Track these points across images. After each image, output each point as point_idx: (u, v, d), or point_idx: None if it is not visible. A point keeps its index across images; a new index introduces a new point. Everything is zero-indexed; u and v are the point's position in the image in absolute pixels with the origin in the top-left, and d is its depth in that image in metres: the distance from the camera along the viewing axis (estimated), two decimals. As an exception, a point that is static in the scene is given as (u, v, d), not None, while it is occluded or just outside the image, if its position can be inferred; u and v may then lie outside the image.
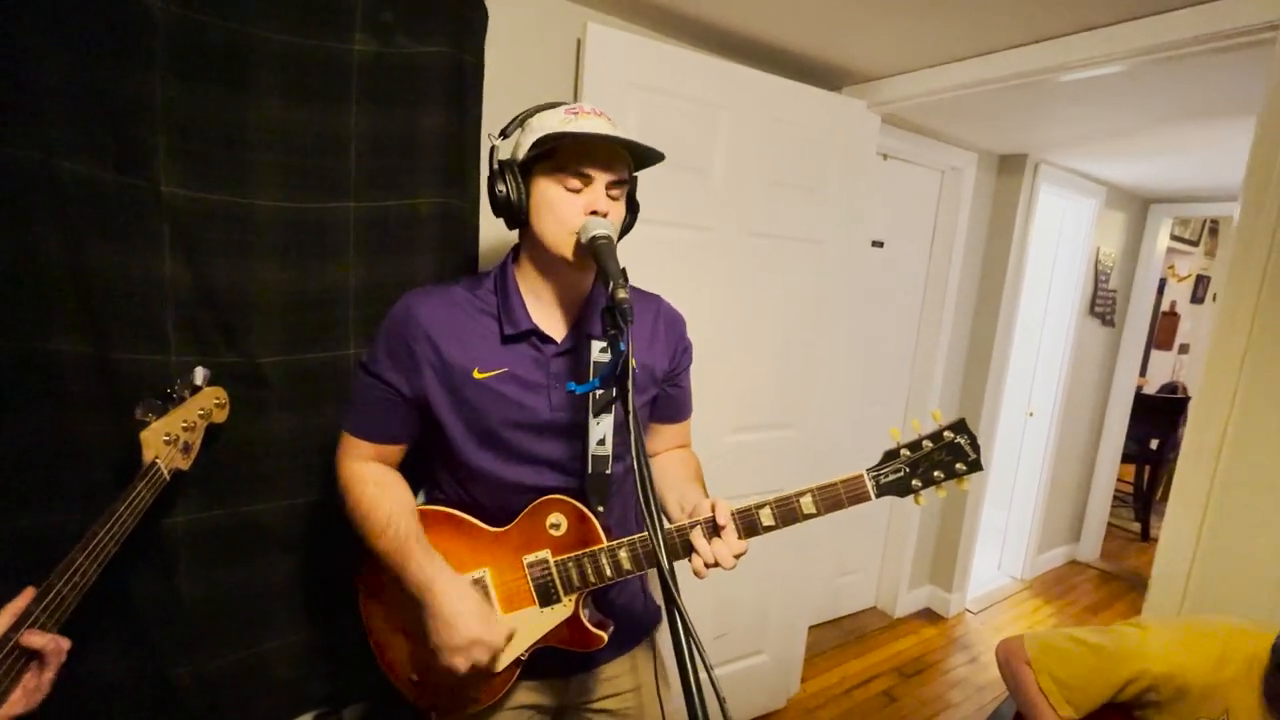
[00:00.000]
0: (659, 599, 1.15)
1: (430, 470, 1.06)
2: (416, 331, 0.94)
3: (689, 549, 0.89)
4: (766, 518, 0.90)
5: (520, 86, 1.47)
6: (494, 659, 0.92)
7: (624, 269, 0.79)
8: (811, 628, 2.72)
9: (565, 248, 0.90)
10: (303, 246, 1.23)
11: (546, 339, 0.96)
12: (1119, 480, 3.96)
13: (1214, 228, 5.30)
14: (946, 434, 0.91)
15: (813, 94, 1.80)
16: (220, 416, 1.13)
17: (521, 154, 0.91)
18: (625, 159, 0.94)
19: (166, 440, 0.99)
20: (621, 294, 0.74)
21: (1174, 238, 4.66)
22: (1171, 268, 5.31)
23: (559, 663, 1.02)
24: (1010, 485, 3.48)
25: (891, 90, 1.92)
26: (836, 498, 0.90)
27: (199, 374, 1.09)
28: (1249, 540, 1.22)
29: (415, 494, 1.03)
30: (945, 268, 2.67)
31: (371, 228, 1.29)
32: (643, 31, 1.65)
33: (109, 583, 1.11)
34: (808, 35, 1.68)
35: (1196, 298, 5.59)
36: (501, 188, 0.91)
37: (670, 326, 1.08)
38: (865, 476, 0.90)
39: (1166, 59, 1.44)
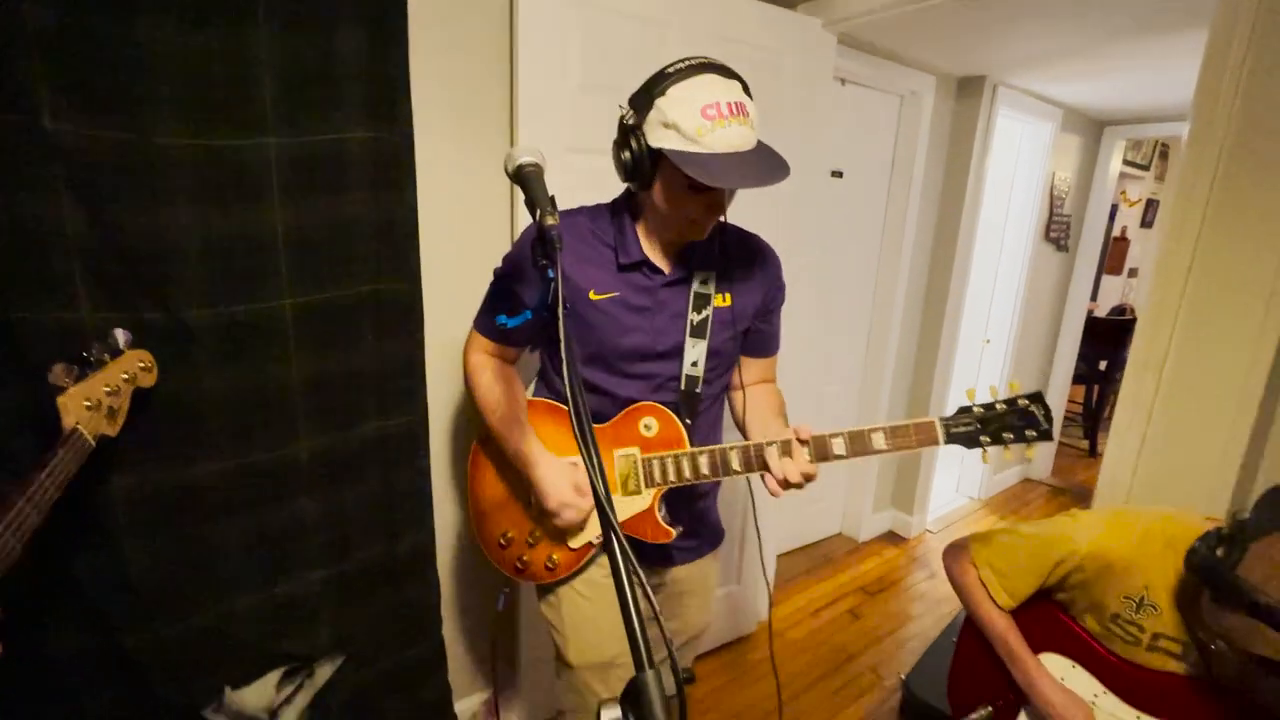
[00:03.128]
0: (724, 523, 1.33)
1: (542, 367, 1.21)
2: (525, 256, 1.01)
3: (763, 464, 1.00)
4: (839, 446, 1.00)
5: (447, 4, 1.35)
6: (584, 522, 1.08)
7: (553, 196, 0.74)
8: (782, 555, 2.82)
9: (684, 232, 1.02)
10: (219, 189, 1.13)
11: (656, 270, 1.07)
12: (1069, 401, 4.13)
13: (1164, 151, 5.38)
14: (1022, 401, 0.98)
15: (766, 10, 1.71)
16: (147, 380, 1.06)
17: (652, 141, 0.93)
18: None
19: (88, 406, 0.92)
20: (550, 221, 0.70)
21: (1126, 162, 4.71)
22: (1123, 193, 5.41)
23: (639, 554, 1.14)
24: (968, 411, 3.59)
25: (847, 6, 1.84)
26: (906, 438, 0.99)
27: (120, 336, 1.01)
28: (1188, 446, 1.27)
29: (528, 385, 1.22)
30: (905, 196, 2.65)
31: (296, 167, 1.19)
32: (582, -57, 1.53)
33: (48, 555, 1.07)
34: (758, -55, 1.58)
35: (1146, 222, 5.73)
36: (626, 156, 0.97)
37: (765, 265, 1.16)
38: (937, 424, 0.98)
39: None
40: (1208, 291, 1.24)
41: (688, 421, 1.08)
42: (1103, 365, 4.43)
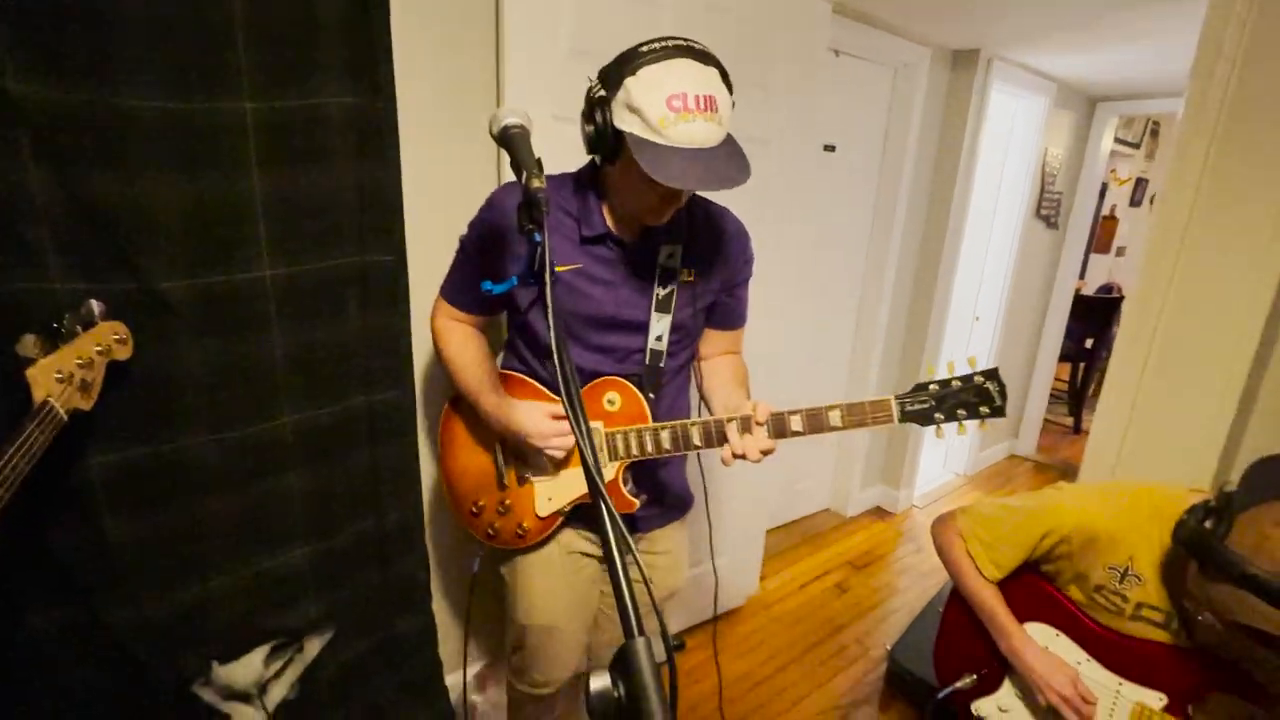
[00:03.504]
0: (694, 489, 1.34)
1: (510, 338, 1.21)
2: (504, 221, 1.03)
3: (723, 439, 1.02)
4: (796, 424, 1.01)
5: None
6: (566, 453, 1.10)
7: (539, 159, 0.72)
8: (769, 531, 2.84)
9: (642, 215, 1.01)
10: (194, 155, 1.09)
11: (619, 242, 1.06)
12: (1054, 379, 4.17)
13: (1155, 129, 5.38)
14: (978, 378, 0.98)
15: (759, -23, 1.67)
16: (123, 353, 1.03)
17: (616, 121, 0.91)
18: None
19: (59, 379, 0.90)
20: (535, 184, 0.68)
21: (1118, 140, 4.71)
22: (1113, 171, 5.41)
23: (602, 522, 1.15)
24: (956, 388, 3.61)
25: (843, -27, 1.79)
26: (862, 417, 0.99)
27: (93, 307, 0.98)
28: (1174, 421, 1.28)
29: (495, 354, 1.21)
30: (898, 171, 2.63)
31: (273, 133, 1.15)
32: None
33: (27, 531, 1.05)
34: (752, -94, 1.53)
35: (1135, 201, 5.74)
36: (590, 130, 0.94)
37: (733, 240, 1.16)
38: (892, 402, 0.98)
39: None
40: (1199, 266, 1.24)
41: (651, 396, 1.09)
42: (1089, 343, 4.47)
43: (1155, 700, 1.06)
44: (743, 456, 1.00)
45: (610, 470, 1.10)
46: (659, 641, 0.51)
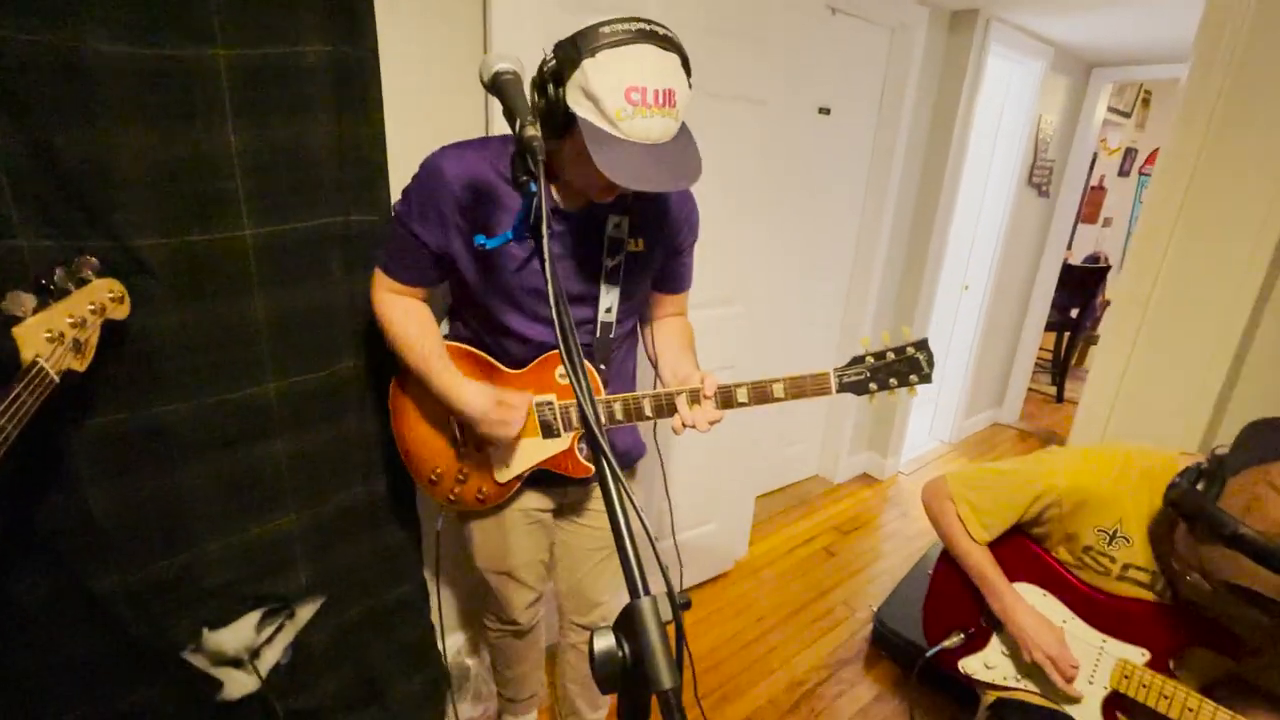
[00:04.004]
0: (647, 442, 1.37)
1: (456, 308, 1.20)
2: (444, 190, 1.00)
3: (673, 410, 1.05)
4: (742, 395, 1.06)
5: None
6: (516, 443, 1.12)
7: (533, 105, 0.68)
8: (759, 496, 2.87)
9: (587, 192, 0.98)
10: (164, 105, 1.03)
11: (565, 215, 1.03)
12: (1039, 348, 4.21)
13: (1146, 98, 5.35)
14: (909, 349, 1.06)
15: (757, -75, 1.60)
16: (119, 312, 0.98)
17: (570, 101, 0.86)
18: None
19: (49, 338, 0.86)
20: (530, 131, 0.64)
21: (1109, 109, 4.67)
22: (1103, 140, 5.39)
23: (560, 478, 1.20)
24: (944, 357, 3.64)
25: (843, -76, 1.73)
26: (802, 388, 1.05)
27: (88, 263, 0.93)
28: (1166, 384, 1.29)
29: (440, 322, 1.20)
30: (893, 135, 2.59)
31: (249, 81, 1.09)
32: None
33: (12, 498, 1.02)
34: None
35: (1123, 171, 5.74)
36: (541, 103, 0.89)
37: (679, 206, 1.15)
38: (831, 375, 1.05)
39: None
40: (1197, 230, 1.24)
41: (602, 367, 1.11)
42: (1074, 313, 4.51)
43: (1138, 656, 1.09)
44: (692, 426, 1.04)
45: (566, 440, 1.13)
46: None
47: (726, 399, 1.05)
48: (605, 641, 0.46)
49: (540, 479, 1.21)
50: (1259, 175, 1.19)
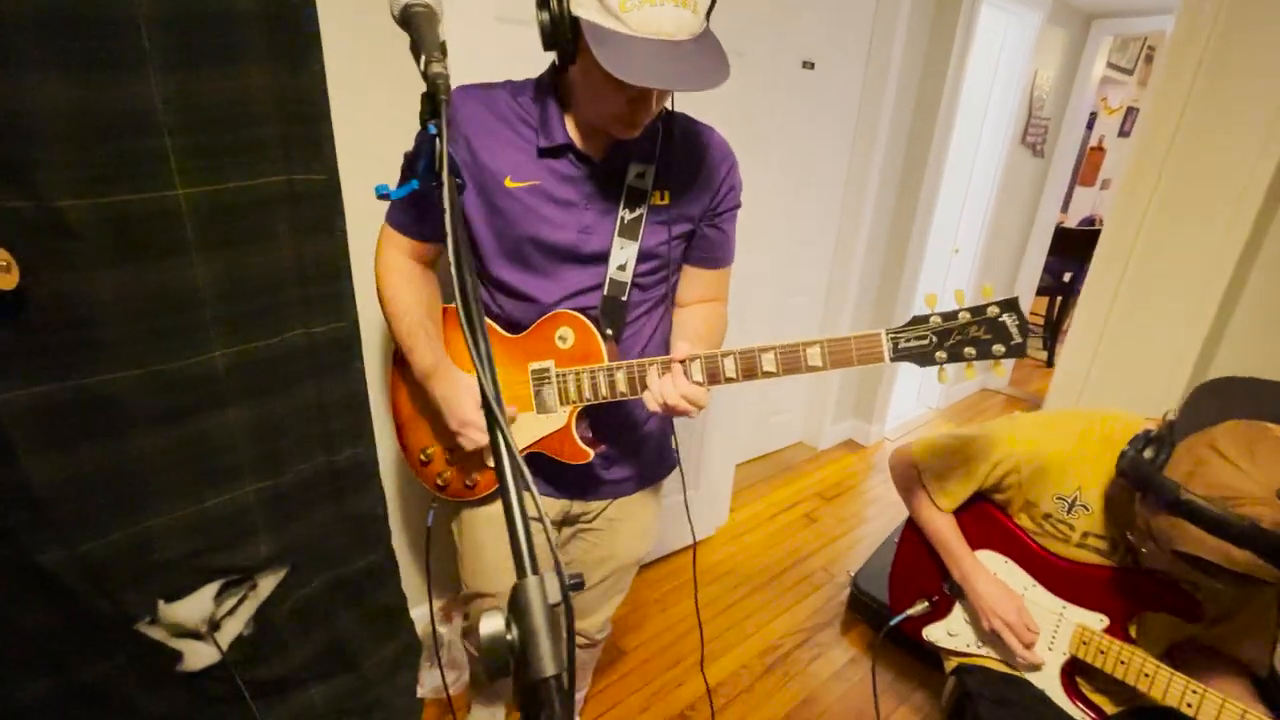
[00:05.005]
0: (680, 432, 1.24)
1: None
2: (454, 132, 0.91)
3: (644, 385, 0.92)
4: (730, 368, 0.89)
5: None
6: (476, 446, 1.01)
7: (443, 42, 0.62)
8: (742, 464, 2.86)
9: (609, 126, 0.88)
10: (81, 52, 0.96)
11: (584, 156, 0.94)
12: (1030, 313, 4.16)
13: (1150, 55, 5.18)
14: (991, 309, 0.81)
15: None
16: (7, 281, 0.93)
17: (572, 6, 0.78)
18: None
19: None
20: (436, 68, 0.58)
21: (1110, 65, 4.53)
22: (1104, 99, 5.24)
23: (566, 485, 1.11)
24: (932, 322, 3.59)
25: None
26: (846, 355, 0.84)
27: None
28: (1143, 346, 1.25)
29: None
30: (880, 90, 2.49)
31: (171, 28, 1.02)
32: None
33: None
34: None
35: (1124, 132, 5.61)
36: (545, 19, 0.80)
37: (715, 161, 1.02)
38: (883, 336, 0.83)
39: None
40: (1180, 185, 1.18)
41: (608, 332, 0.98)
42: (1066, 277, 4.45)
43: (1097, 622, 1.07)
44: (664, 405, 0.89)
45: (562, 415, 1.00)
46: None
47: (712, 373, 0.89)
48: (493, 624, 0.43)
49: (537, 472, 1.09)
50: (1245, 128, 1.13)
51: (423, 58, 0.59)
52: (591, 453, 1.02)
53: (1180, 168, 1.16)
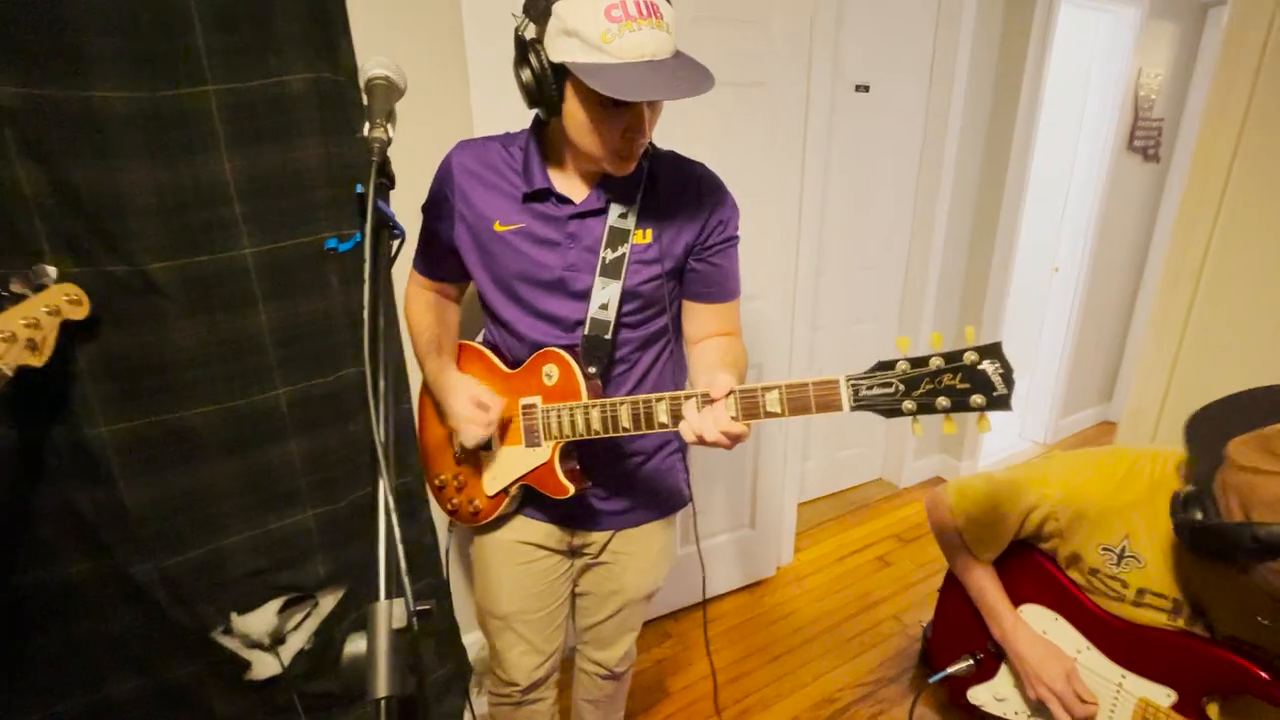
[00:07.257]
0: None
1: (485, 310, 1.17)
2: (450, 181, 1.02)
3: (657, 424, 0.91)
4: (774, 402, 0.83)
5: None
6: (489, 440, 1.08)
7: (391, 110, 0.69)
8: (812, 501, 2.73)
9: (606, 164, 0.92)
10: (165, 142, 1.16)
11: (564, 200, 0.99)
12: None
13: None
14: (969, 355, 0.73)
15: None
16: (76, 313, 1.09)
17: (553, 55, 0.83)
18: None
19: (2, 338, 0.97)
20: (376, 133, 0.65)
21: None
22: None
23: (568, 515, 1.15)
24: (1034, 348, 3.28)
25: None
26: (805, 402, 0.81)
27: (45, 270, 1.06)
28: (1225, 366, 1.08)
29: (477, 334, 1.20)
30: (945, 111, 2.37)
31: (238, 111, 1.19)
32: None
33: (46, 493, 1.19)
34: None
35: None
36: (527, 76, 0.86)
37: (701, 196, 1.03)
38: (841, 384, 0.78)
39: None
40: (1250, 189, 1.02)
41: (590, 370, 1.01)
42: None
43: (1163, 697, 0.91)
44: (700, 438, 0.85)
45: (546, 449, 1.04)
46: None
47: (750, 407, 0.84)
48: (356, 646, 0.46)
49: (536, 502, 1.14)
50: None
51: (368, 124, 0.66)
52: (572, 488, 1.03)
53: (1249, 165, 1.00)
